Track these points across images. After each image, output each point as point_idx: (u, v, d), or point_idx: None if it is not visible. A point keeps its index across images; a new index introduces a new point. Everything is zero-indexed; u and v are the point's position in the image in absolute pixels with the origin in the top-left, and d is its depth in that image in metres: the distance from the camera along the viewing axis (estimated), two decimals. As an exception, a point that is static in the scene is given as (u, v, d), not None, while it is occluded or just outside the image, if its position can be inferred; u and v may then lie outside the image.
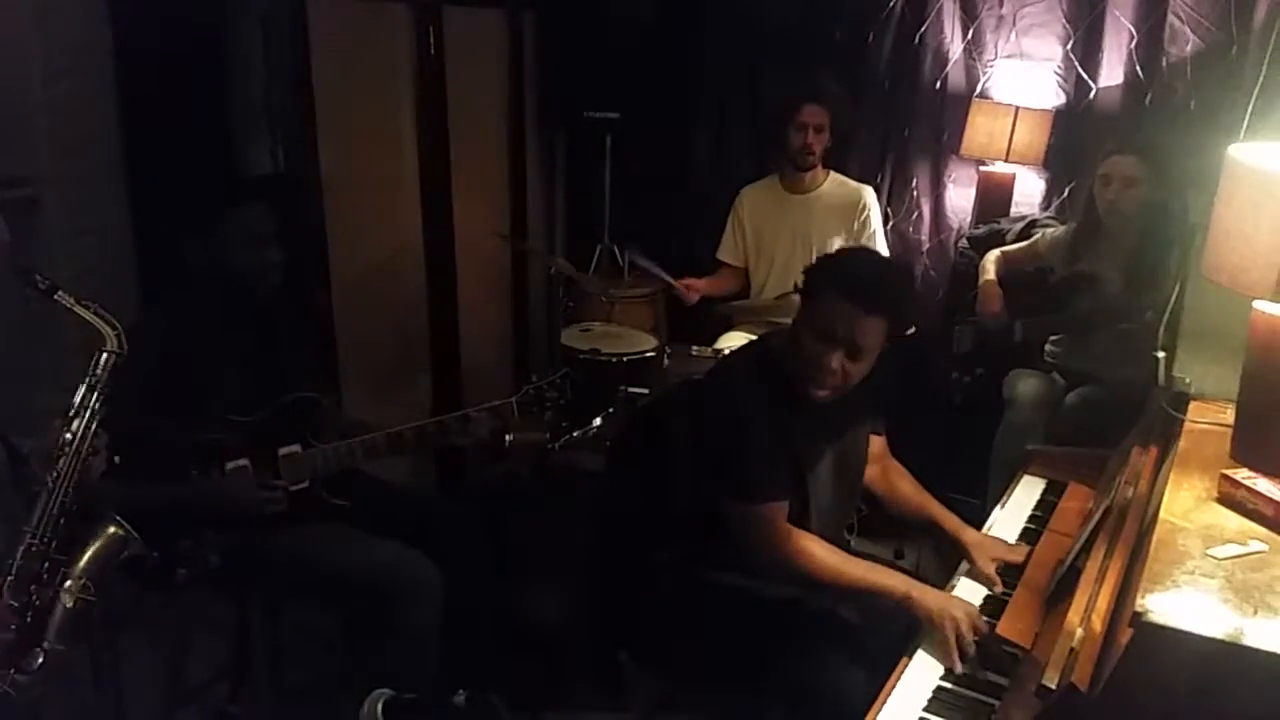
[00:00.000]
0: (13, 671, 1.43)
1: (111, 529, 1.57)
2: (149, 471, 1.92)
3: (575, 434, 3.16)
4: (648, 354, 3.27)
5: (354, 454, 2.18)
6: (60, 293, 1.53)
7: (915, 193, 3.61)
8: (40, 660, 1.45)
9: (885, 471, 2.16)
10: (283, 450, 2.11)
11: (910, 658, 1.62)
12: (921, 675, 1.59)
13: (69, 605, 1.50)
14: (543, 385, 2.39)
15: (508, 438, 3.07)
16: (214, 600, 2.12)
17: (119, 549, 1.57)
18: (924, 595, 1.70)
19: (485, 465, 3.55)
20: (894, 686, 1.56)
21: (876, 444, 2.12)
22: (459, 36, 3.28)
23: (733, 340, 3.25)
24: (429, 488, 3.47)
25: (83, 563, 1.53)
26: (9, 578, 1.46)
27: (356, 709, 1.37)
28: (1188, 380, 1.83)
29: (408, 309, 3.37)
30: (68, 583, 1.51)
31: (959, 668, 1.58)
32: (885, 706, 1.52)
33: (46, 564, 1.49)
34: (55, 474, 1.50)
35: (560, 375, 2.42)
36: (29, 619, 1.47)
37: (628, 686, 2.07)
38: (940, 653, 1.61)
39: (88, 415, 1.54)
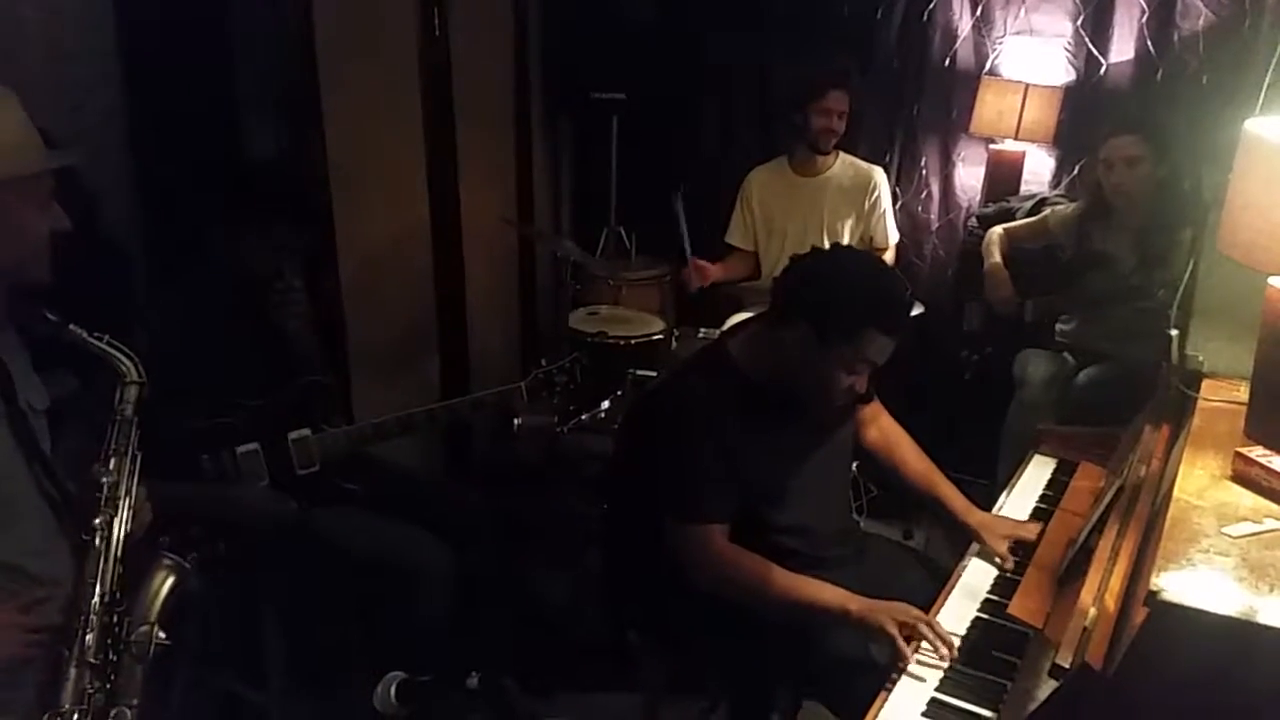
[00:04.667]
0: None
1: (165, 564, 1.47)
2: (159, 456, 1.93)
3: (583, 417, 3.17)
4: (655, 337, 3.27)
5: (364, 437, 2.19)
6: (72, 326, 1.42)
7: (924, 171, 3.59)
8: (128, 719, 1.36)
9: (885, 435, 2.14)
10: (293, 434, 2.12)
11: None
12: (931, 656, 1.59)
13: (145, 655, 1.40)
14: (552, 369, 2.39)
15: (516, 421, 3.08)
16: (225, 583, 2.13)
17: (177, 583, 1.47)
18: (861, 610, 1.68)
19: (494, 449, 3.55)
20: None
21: (868, 409, 2.11)
22: (464, 18, 3.26)
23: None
24: (438, 472, 3.47)
25: (145, 606, 1.43)
26: (90, 633, 1.35)
27: (369, 691, 1.37)
28: (1201, 358, 1.81)
29: (415, 293, 3.37)
30: (136, 632, 1.40)
31: (911, 660, 1.57)
32: (897, 687, 1.52)
33: (115, 616, 1.39)
34: (106, 519, 1.40)
35: (570, 359, 2.42)
36: (112, 678, 1.37)
37: (637, 667, 2.08)
38: (903, 663, 1.58)
39: (127, 454, 1.44)
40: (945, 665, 1.56)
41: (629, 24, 3.67)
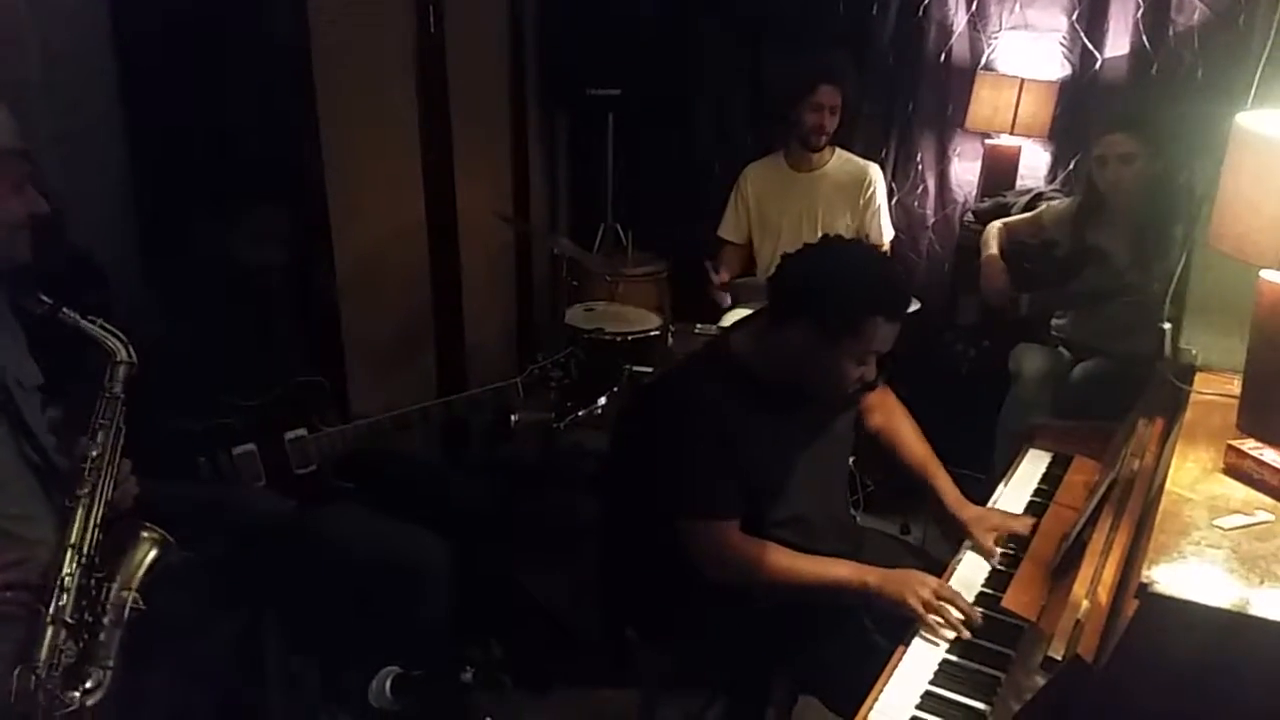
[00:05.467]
0: (78, 694, 1.38)
1: (145, 535, 1.51)
2: (156, 457, 1.93)
3: (580, 413, 3.17)
4: (652, 333, 3.27)
5: (360, 436, 2.19)
6: (65, 310, 1.46)
7: (920, 167, 3.59)
8: (100, 679, 1.41)
9: (888, 416, 2.14)
10: (289, 434, 2.12)
11: (907, 646, 1.61)
12: (925, 649, 1.60)
13: (120, 620, 1.44)
14: (548, 365, 2.39)
15: (513, 418, 3.08)
16: (222, 582, 2.13)
17: (159, 555, 1.51)
18: (882, 581, 1.69)
19: (491, 446, 3.55)
20: (898, 663, 1.57)
21: (873, 395, 2.10)
22: (460, 14, 3.26)
23: (737, 317, 3.24)
24: (436, 468, 3.47)
25: (126, 574, 1.47)
26: (67, 594, 1.40)
27: (365, 686, 1.38)
28: (1194, 351, 1.82)
29: (411, 290, 3.37)
30: (115, 596, 1.45)
31: (956, 633, 1.59)
32: (891, 681, 1.53)
33: (94, 580, 1.44)
34: (89, 488, 1.45)
35: (566, 356, 2.42)
36: (86, 638, 1.42)
37: (634, 663, 2.08)
38: (928, 631, 1.61)
39: (112, 429, 1.48)
40: (967, 634, 1.60)
41: (625, 20, 3.67)
